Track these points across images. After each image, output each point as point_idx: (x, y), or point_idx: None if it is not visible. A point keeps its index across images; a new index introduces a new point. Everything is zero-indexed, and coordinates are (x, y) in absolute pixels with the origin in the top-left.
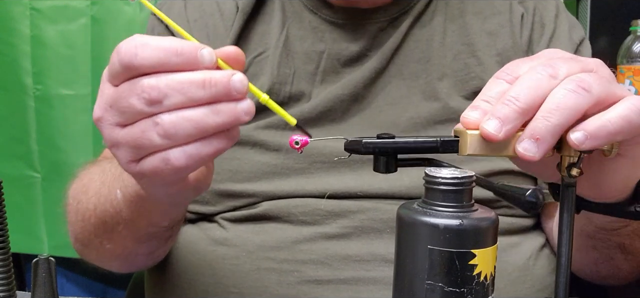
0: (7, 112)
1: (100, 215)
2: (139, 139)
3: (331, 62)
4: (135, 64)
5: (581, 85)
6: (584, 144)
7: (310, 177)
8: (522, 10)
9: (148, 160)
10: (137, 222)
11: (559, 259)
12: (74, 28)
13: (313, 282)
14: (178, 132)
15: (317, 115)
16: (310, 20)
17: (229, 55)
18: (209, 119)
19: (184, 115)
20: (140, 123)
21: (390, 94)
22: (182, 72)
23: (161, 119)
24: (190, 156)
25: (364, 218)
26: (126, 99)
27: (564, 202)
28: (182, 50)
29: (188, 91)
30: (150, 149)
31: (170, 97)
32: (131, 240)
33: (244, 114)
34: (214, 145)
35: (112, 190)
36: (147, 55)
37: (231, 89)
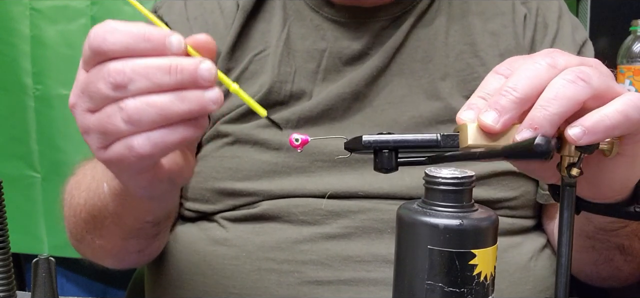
0: (7, 112)
1: (89, 210)
2: (105, 123)
3: (333, 61)
4: (103, 48)
5: (580, 76)
6: (582, 139)
7: (311, 176)
8: (525, 10)
9: (113, 146)
10: (122, 216)
11: (559, 259)
12: (74, 28)
13: (313, 283)
14: (142, 118)
15: (318, 114)
16: (312, 19)
17: (199, 43)
18: (174, 105)
19: (148, 101)
20: (107, 108)
21: (391, 93)
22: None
23: (125, 104)
24: (154, 143)
25: (364, 218)
26: (94, 83)
27: (564, 202)
28: (151, 35)
29: (153, 76)
30: (116, 134)
31: (135, 82)
32: (118, 236)
33: (211, 103)
34: (179, 132)
35: (100, 184)
36: (115, 40)
37: (198, 76)
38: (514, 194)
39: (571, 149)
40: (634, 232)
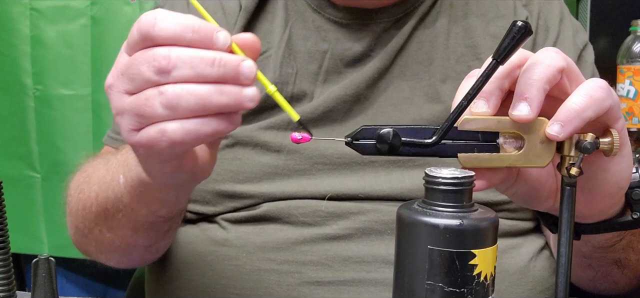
0: (7, 112)
1: (101, 203)
2: (143, 106)
3: (334, 62)
4: (152, 34)
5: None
6: (562, 132)
7: (311, 178)
8: (526, 13)
9: (147, 129)
10: (136, 209)
11: (559, 259)
12: (74, 28)
13: (313, 283)
14: (180, 104)
15: (319, 115)
16: (314, 20)
17: (245, 42)
18: (213, 97)
19: (189, 89)
20: (147, 91)
21: (392, 95)
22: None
23: (166, 89)
24: (187, 131)
25: (364, 219)
26: (137, 66)
27: (563, 202)
28: (199, 28)
29: (197, 66)
30: (151, 118)
31: (178, 69)
32: (130, 229)
33: (248, 100)
34: (212, 125)
35: (115, 176)
36: (164, 26)
37: (239, 72)
38: None
39: (571, 149)
40: (629, 245)
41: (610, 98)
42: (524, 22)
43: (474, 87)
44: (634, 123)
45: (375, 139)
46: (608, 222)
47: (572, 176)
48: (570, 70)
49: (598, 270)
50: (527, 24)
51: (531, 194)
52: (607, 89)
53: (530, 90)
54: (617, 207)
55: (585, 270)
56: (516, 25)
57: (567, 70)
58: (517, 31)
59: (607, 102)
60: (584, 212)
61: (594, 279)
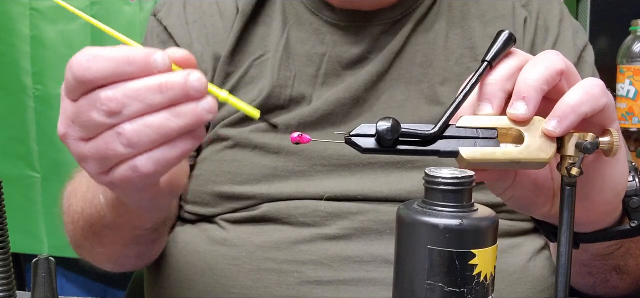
0: (7, 112)
1: (87, 219)
2: (104, 151)
3: (332, 65)
4: (88, 77)
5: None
6: (559, 128)
7: (310, 179)
8: (525, 14)
9: (117, 170)
10: (121, 226)
11: (559, 259)
12: (74, 28)
13: (313, 283)
14: (142, 140)
15: (318, 118)
16: (312, 23)
17: (180, 61)
18: (171, 123)
19: (146, 123)
20: (104, 135)
21: (391, 98)
22: (137, 79)
23: (123, 129)
24: (157, 161)
25: (364, 220)
26: (86, 113)
27: (564, 202)
28: (134, 58)
29: (146, 98)
30: (117, 159)
31: (129, 106)
32: (118, 244)
33: (206, 113)
34: (179, 147)
35: (96, 195)
36: (99, 67)
37: (189, 89)
38: None
39: (572, 149)
40: (628, 252)
41: (606, 96)
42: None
43: (468, 85)
44: (634, 123)
45: (375, 128)
46: (607, 231)
47: (572, 176)
48: (570, 73)
49: (597, 277)
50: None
51: (529, 199)
52: (603, 87)
53: (529, 90)
54: (615, 215)
55: (585, 278)
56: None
57: (566, 72)
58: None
59: (603, 100)
60: (581, 219)
61: (594, 285)
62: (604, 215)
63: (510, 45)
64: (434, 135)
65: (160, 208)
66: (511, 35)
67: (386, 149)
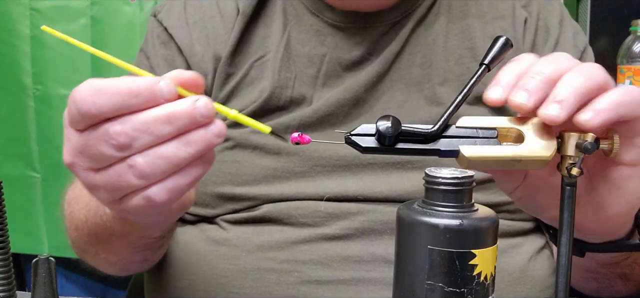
0: (7, 112)
1: (92, 228)
2: (117, 182)
3: (333, 66)
4: (93, 112)
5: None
6: (593, 120)
7: (310, 180)
8: (525, 14)
9: (130, 200)
10: (128, 235)
11: (559, 259)
12: (74, 28)
13: (313, 283)
14: (154, 171)
15: (318, 119)
16: (312, 24)
17: (187, 82)
18: (181, 152)
19: (157, 154)
20: (115, 167)
21: (391, 99)
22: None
23: (135, 161)
24: (170, 190)
25: (363, 220)
26: (95, 146)
27: (564, 201)
28: (139, 89)
29: (155, 130)
30: (129, 189)
31: (139, 139)
32: (125, 250)
33: (215, 138)
34: (191, 174)
35: (100, 206)
36: (104, 102)
37: (197, 116)
38: None
39: (572, 149)
40: (635, 261)
41: None
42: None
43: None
44: None
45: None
46: (616, 243)
47: (572, 176)
48: (609, 87)
49: (602, 282)
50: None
51: (538, 200)
52: None
53: (569, 96)
54: (626, 228)
55: (589, 282)
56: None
57: (604, 88)
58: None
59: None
60: (589, 226)
61: (598, 290)
62: (616, 227)
63: (507, 49)
64: (434, 133)
65: (171, 221)
66: (508, 40)
67: (386, 148)
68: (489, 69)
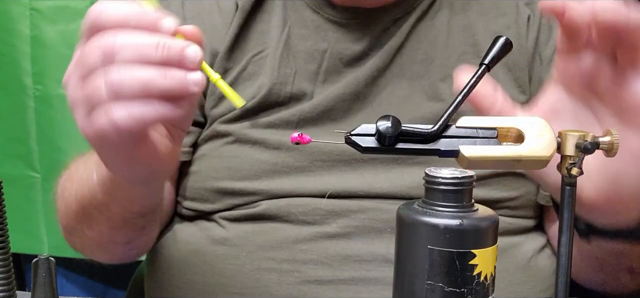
0: (7, 112)
1: (80, 200)
2: (90, 92)
3: (333, 62)
4: (98, 21)
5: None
6: (587, 13)
7: (310, 175)
8: (528, 11)
9: (96, 117)
10: (109, 205)
11: (559, 259)
12: (74, 28)
13: (313, 282)
14: (123, 87)
15: (319, 114)
16: (313, 20)
17: (187, 33)
18: (156, 80)
19: (133, 72)
20: (93, 75)
21: (392, 94)
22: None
23: (110, 74)
24: (132, 116)
25: (364, 218)
26: (87, 53)
27: (564, 201)
28: (143, 14)
29: (140, 49)
30: (98, 102)
31: (121, 53)
32: (106, 226)
33: (193, 84)
34: (157, 109)
35: (90, 174)
36: (109, 13)
37: (184, 56)
38: (514, 194)
39: (572, 149)
40: None
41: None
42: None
43: (466, 87)
44: None
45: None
46: (622, 231)
47: (572, 176)
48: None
49: (609, 274)
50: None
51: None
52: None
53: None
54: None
55: (596, 273)
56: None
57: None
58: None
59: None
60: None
61: (603, 283)
62: (626, 210)
63: (507, 50)
64: (434, 133)
65: (141, 182)
66: (508, 40)
67: (386, 148)
68: (488, 69)
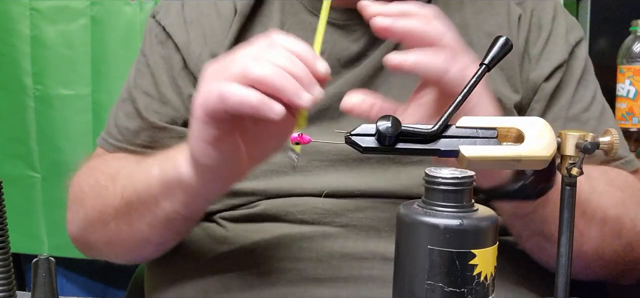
0: (7, 112)
1: (126, 196)
2: (226, 65)
3: (331, 63)
4: (274, 39)
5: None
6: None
7: (308, 175)
8: (519, 11)
9: (216, 87)
10: (161, 202)
11: (559, 259)
12: (74, 28)
13: (312, 280)
14: (249, 71)
15: (316, 114)
16: (310, 22)
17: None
18: (280, 73)
19: (267, 59)
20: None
21: (389, 93)
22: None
23: (247, 62)
24: (239, 95)
25: (362, 217)
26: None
27: (564, 201)
28: (309, 50)
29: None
30: (229, 73)
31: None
32: (147, 223)
33: (300, 96)
34: (261, 102)
35: (151, 169)
36: (283, 38)
37: (316, 66)
38: None
39: (571, 149)
40: (544, 218)
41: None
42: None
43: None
44: (634, 123)
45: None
46: (501, 191)
47: (572, 176)
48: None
49: (528, 241)
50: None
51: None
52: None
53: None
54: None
55: (524, 245)
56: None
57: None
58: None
59: (436, 60)
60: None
61: (532, 253)
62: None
63: (507, 50)
64: (434, 133)
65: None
66: (508, 40)
67: (386, 148)
68: (488, 69)
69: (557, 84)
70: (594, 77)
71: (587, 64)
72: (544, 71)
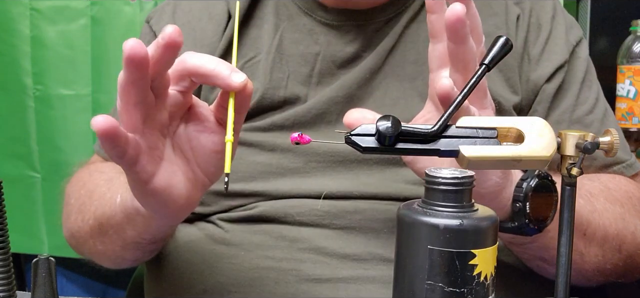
0: (7, 112)
1: (98, 217)
2: None
3: (327, 64)
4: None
5: None
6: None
7: (306, 176)
8: (518, 11)
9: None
10: (125, 229)
11: (559, 259)
12: (74, 28)
13: (311, 281)
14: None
15: (312, 117)
16: (305, 23)
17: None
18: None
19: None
20: None
21: (385, 95)
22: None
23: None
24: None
25: (361, 218)
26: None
27: (564, 202)
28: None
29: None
30: None
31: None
32: (119, 245)
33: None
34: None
35: (114, 196)
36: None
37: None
38: None
39: (571, 149)
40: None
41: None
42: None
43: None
44: (634, 123)
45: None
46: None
47: (572, 176)
48: None
49: (529, 262)
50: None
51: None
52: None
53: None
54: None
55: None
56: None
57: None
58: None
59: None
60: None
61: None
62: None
63: (508, 50)
64: (434, 133)
65: (158, 217)
66: (508, 40)
67: (386, 148)
68: (489, 69)
69: (559, 85)
70: (595, 78)
71: (589, 64)
72: (545, 72)
